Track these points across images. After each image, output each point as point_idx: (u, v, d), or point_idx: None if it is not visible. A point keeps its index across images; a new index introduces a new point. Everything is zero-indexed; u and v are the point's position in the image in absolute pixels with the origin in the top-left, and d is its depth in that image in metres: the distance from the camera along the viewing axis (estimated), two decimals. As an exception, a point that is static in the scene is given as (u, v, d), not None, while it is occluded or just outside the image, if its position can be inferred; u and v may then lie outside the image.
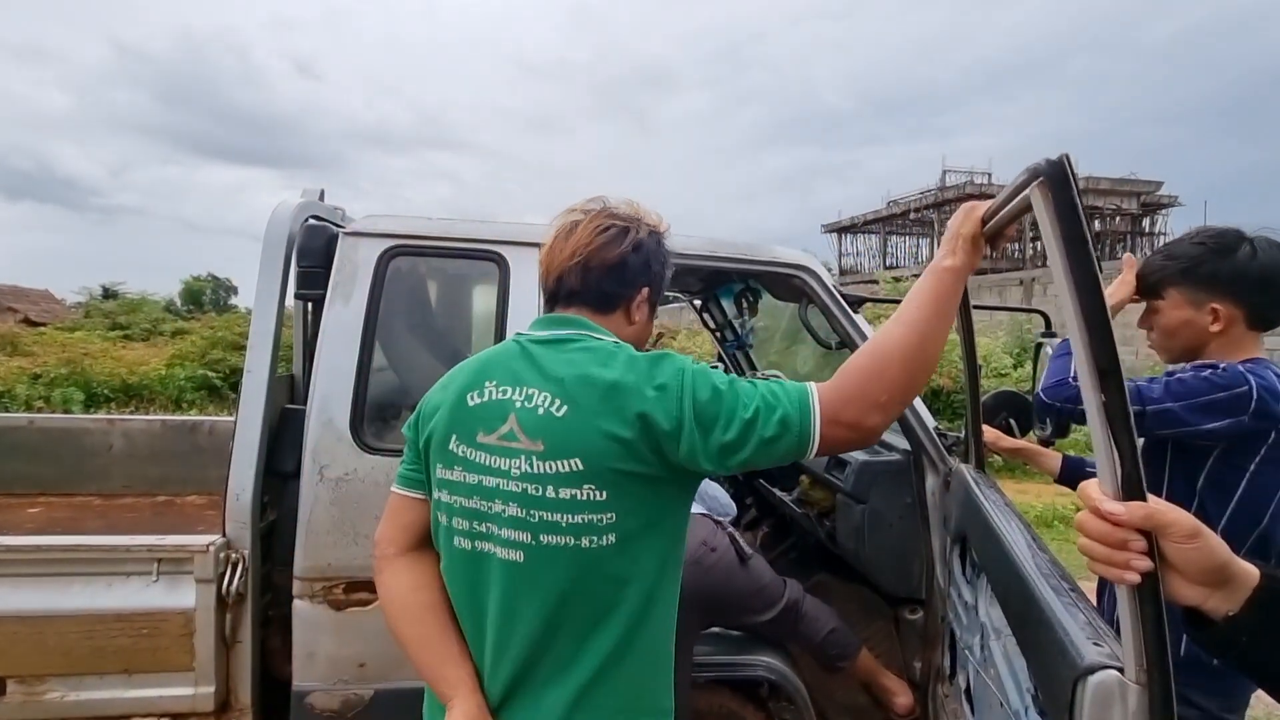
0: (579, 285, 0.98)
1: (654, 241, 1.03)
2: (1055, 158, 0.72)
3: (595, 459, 0.85)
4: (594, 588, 0.87)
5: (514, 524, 0.87)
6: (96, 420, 3.06)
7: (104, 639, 1.43)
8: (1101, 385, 0.68)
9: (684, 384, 0.87)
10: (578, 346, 0.94)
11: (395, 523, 1.00)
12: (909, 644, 1.93)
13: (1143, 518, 0.67)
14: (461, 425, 0.92)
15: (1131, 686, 0.73)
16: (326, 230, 1.72)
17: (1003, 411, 1.84)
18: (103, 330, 15.18)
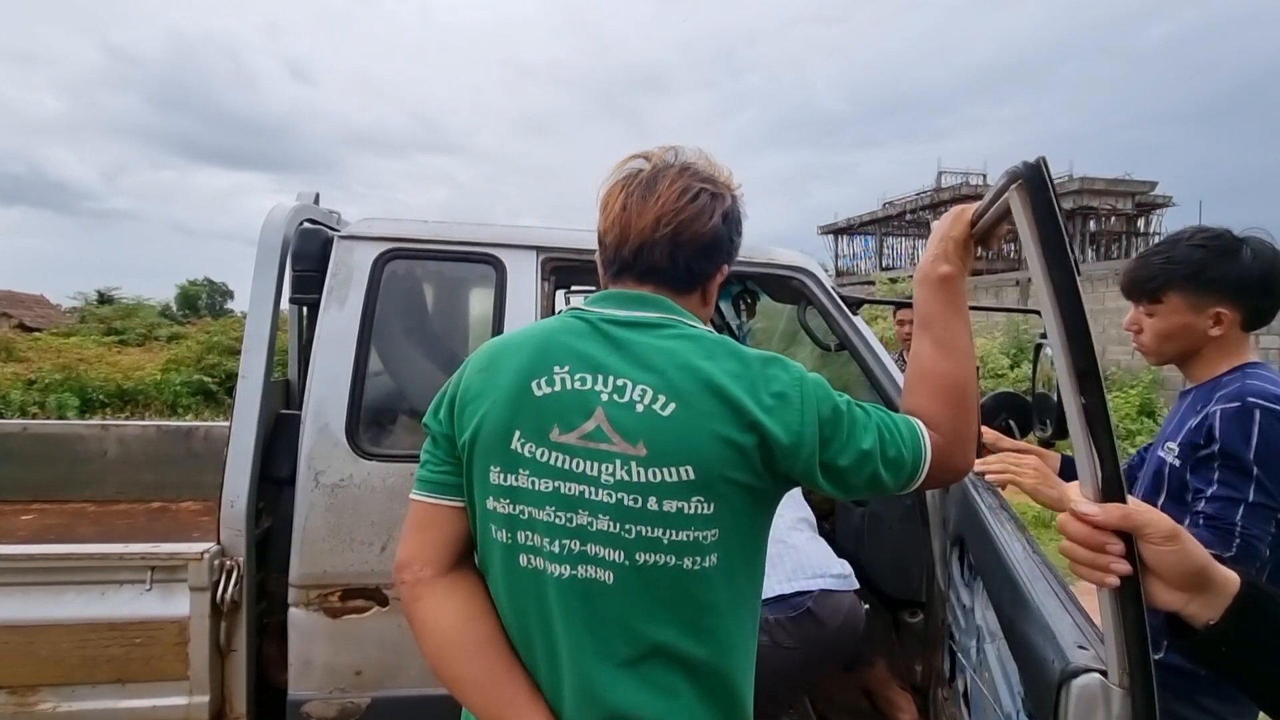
0: (666, 262, 0.83)
1: (737, 209, 0.88)
2: (1032, 160, 0.72)
3: (709, 467, 0.73)
4: (692, 614, 0.76)
5: (605, 540, 0.74)
6: (90, 426, 3.03)
7: (97, 648, 1.41)
8: (1081, 387, 0.68)
9: (804, 395, 0.78)
10: (672, 333, 0.80)
11: (428, 537, 0.82)
12: (909, 647, 1.92)
13: (1119, 518, 0.66)
14: (527, 420, 0.76)
15: (1115, 690, 0.73)
16: (321, 234, 1.71)
17: (1002, 413, 1.83)
18: (98, 335, 15.13)
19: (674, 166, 0.84)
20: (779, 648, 1.46)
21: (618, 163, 0.88)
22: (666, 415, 0.74)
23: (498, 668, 0.79)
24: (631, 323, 0.81)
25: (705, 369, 0.77)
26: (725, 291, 3.04)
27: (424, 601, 0.81)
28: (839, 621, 1.51)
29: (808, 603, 1.50)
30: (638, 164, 0.86)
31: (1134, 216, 27.20)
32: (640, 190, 0.83)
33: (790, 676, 1.49)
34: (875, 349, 1.82)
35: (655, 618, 0.75)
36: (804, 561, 1.57)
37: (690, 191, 0.82)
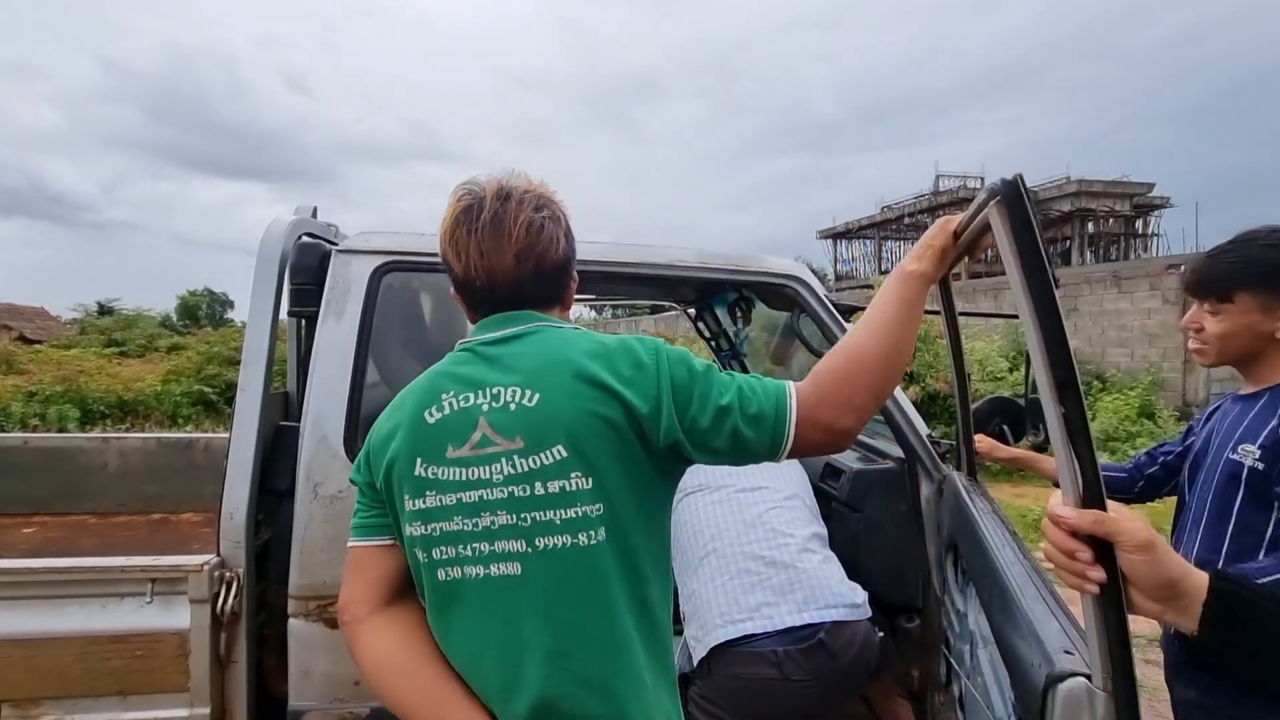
0: (534, 291, 0.92)
1: (569, 221, 0.96)
2: (1010, 178, 0.74)
3: (577, 441, 0.79)
4: (594, 588, 0.80)
5: (507, 534, 0.80)
6: (91, 439, 3.05)
7: (98, 660, 1.42)
8: (1060, 397, 0.70)
9: (659, 363, 0.84)
10: (537, 337, 0.89)
11: (362, 579, 0.89)
12: (906, 653, 1.92)
13: (1091, 523, 0.67)
14: (426, 446, 0.84)
15: (1099, 694, 0.74)
16: (319, 247, 1.73)
17: (996, 418, 1.85)
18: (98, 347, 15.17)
19: (511, 200, 0.90)
20: (788, 681, 1.41)
21: (450, 199, 0.93)
22: (533, 405, 0.81)
23: (432, 683, 0.84)
24: (503, 339, 0.90)
25: (566, 357, 0.84)
26: (721, 299, 3.05)
27: (360, 638, 0.88)
28: (852, 654, 1.46)
29: (819, 634, 1.44)
30: (469, 201, 0.90)
31: (1132, 218, 27.25)
32: (489, 232, 0.88)
33: (800, 712, 1.44)
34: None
35: (565, 600, 0.80)
36: (816, 590, 1.51)
37: (536, 225, 0.89)
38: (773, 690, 1.41)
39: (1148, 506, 1.63)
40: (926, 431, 1.82)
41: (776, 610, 1.47)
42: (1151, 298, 10.35)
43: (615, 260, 1.85)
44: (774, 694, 1.41)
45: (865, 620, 1.54)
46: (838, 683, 1.46)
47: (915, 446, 1.80)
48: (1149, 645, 3.41)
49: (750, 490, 1.73)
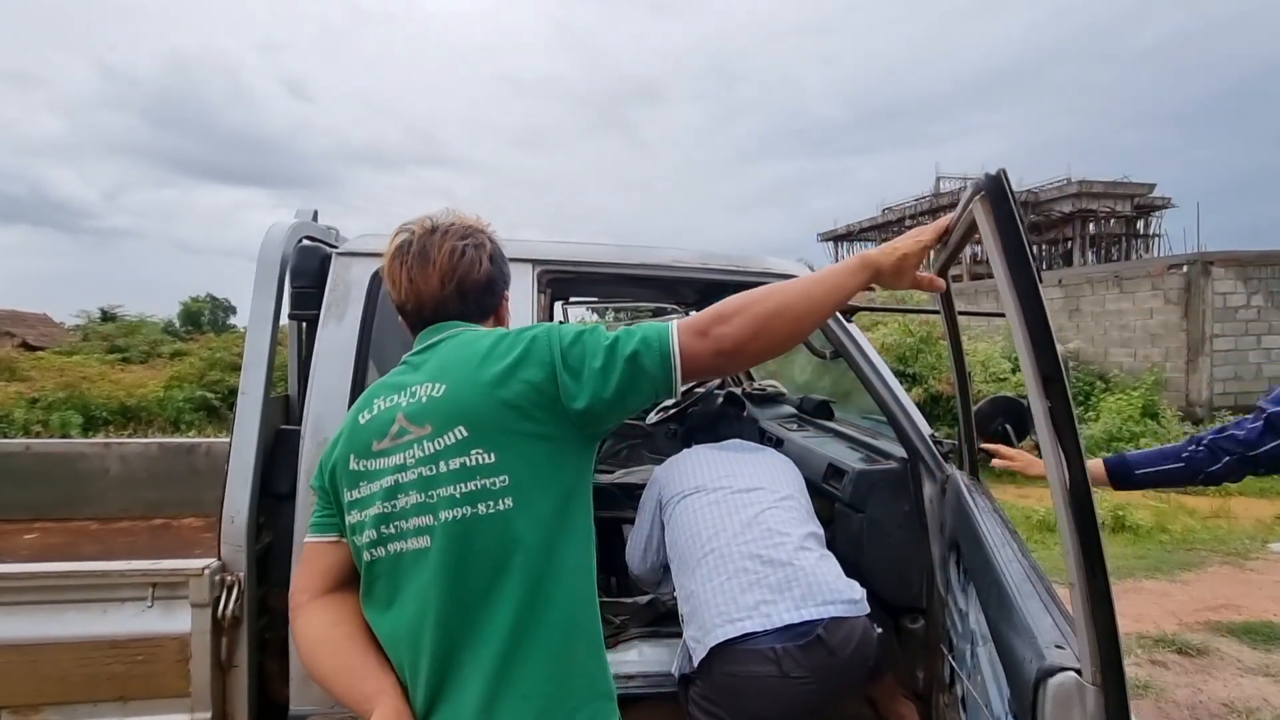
0: (459, 309, 1.03)
1: (497, 246, 1.09)
2: (994, 173, 0.74)
3: (478, 421, 0.88)
4: (492, 551, 0.87)
5: (418, 510, 0.88)
6: (93, 444, 3.05)
7: (99, 666, 1.41)
8: (1046, 391, 0.70)
9: (549, 333, 0.93)
10: (452, 340, 0.99)
11: (310, 570, 1.00)
12: (911, 653, 1.91)
13: None
14: (357, 443, 0.94)
15: (1089, 688, 0.73)
16: (320, 251, 1.73)
17: (999, 417, 1.84)
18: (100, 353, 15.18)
19: (436, 232, 1.04)
20: (788, 678, 1.41)
21: (390, 239, 1.06)
22: (440, 395, 0.91)
23: (351, 655, 0.92)
24: (428, 347, 1.00)
25: (469, 350, 0.94)
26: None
27: (299, 620, 0.97)
28: (850, 650, 1.45)
29: (818, 630, 1.44)
30: (403, 237, 1.04)
31: (1133, 219, 27.23)
32: (417, 261, 1.02)
33: (800, 709, 1.44)
34: (870, 355, 1.83)
35: (471, 567, 0.86)
36: (813, 587, 1.51)
37: (458, 250, 1.02)
38: (772, 688, 1.41)
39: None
40: (929, 431, 1.81)
41: (774, 608, 1.47)
42: (1154, 297, 10.33)
43: (616, 261, 1.85)
44: (773, 691, 1.41)
45: (864, 616, 1.54)
46: (837, 679, 1.46)
47: (918, 446, 1.79)
48: (1155, 646, 3.40)
49: (746, 491, 1.73)
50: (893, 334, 8.47)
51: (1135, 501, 6.14)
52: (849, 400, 2.88)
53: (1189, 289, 9.98)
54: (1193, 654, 3.34)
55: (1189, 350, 9.93)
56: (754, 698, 1.41)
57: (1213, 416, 9.27)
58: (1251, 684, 3.07)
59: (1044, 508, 5.84)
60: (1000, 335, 10.39)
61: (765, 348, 0.93)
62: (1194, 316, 9.89)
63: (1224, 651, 3.38)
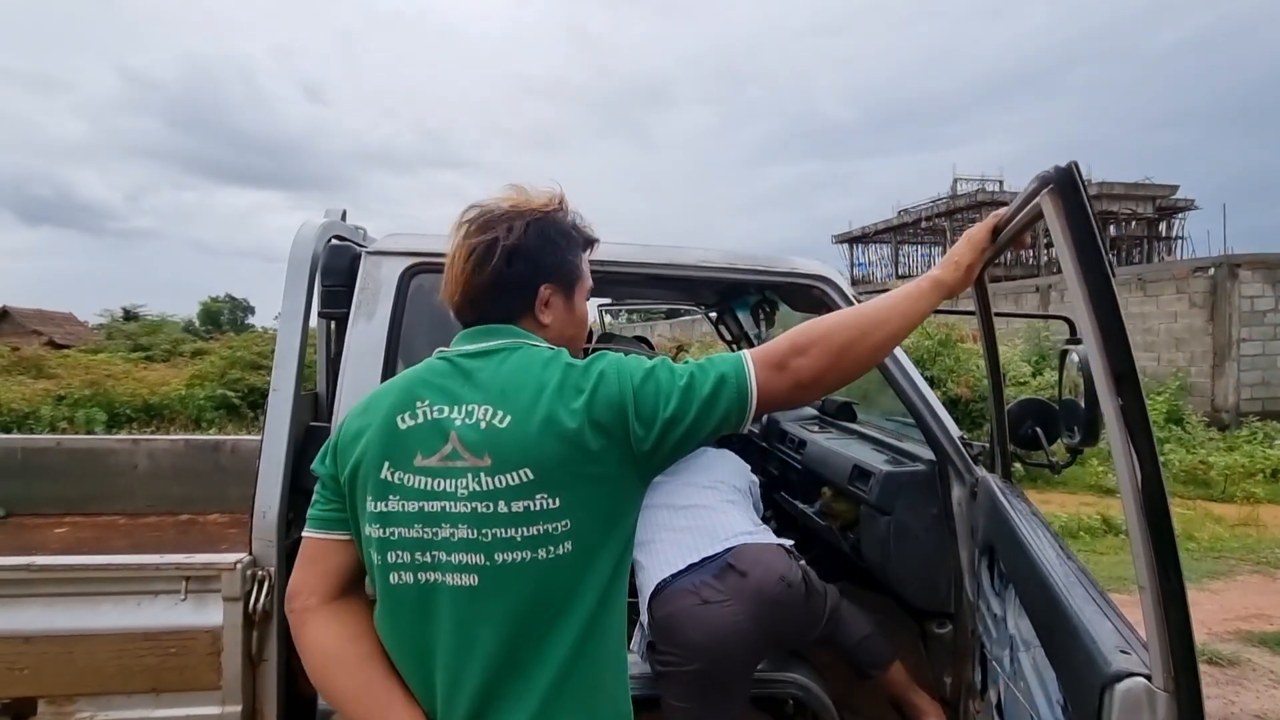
0: (475, 315, 0.96)
1: (535, 234, 0.95)
2: (1064, 165, 0.72)
3: (545, 465, 0.82)
4: (550, 598, 0.83)
5: (466, 547, 0.82)
6: (122, 441, 3.09)
7: (133, 658, 1.43)
8: (1118, 389, 0.68)
9: (619, 372, 0.87)
10: (511, 356, 0.90)
11: (315, 569, 0.92)
12: (938, 659, 1.89)
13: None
14: (395, 451, 0.86)
15: (1159, 694, 0.71)
16: (349, 250, 1.75)
17: (1028, 420, 1.81)
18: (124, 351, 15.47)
19: (469, 224, 0.95)
20: (708, 604, 1.51)
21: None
22: (504, 427, 0.83)
23: (373, 680, 0.86)
24: (479, 354, 0.91)
25: (534, 380, 0.86)
26: (743, 301, 3.04)
27: (308, 627, 0.90)
28: (760, 569, 1.57)
29: (726, 559, 1.60)
30: (461, 228, 0.96)
31: (1155, 220, 26.80)
32: (449, 260, 0.96)
33: (732, 633, 1.49)
34: (897, 355, 1.81)
35: (519, 606, 0.82)
36: (718, 528, 1.70)
37: (469, 250, 0.93)
38: (697, 615, 1.51)
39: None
40: (958, 433, 1.79)
41: (689, 555, 1.63)
42: (1178, 301, 10.16)
43: (643, 261, 1.84)
44: (699, 619, 1.50)
45: (770, 544, 1.69)
46: (756, 600, 1.53)
47: (947, 448, 1.77)
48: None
49: (686, 488, 1.89)
50: (910, 336, 8.38)
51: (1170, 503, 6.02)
52: (869, 401, 2.85)
53: (1215, 292, 9.80)
54: (1224, 664, 3.27)
55: (1215, 355, 9.75)
56: (686, 629, 1.50)
57: (1239, 423, 9.08)
58: (1285, 696, 3.00)
59: (1066, 514, 5.76)
60: (1019, 338, 10.26)
61: (841, 379, 0.91)
62: (1220, 320, 9.71)
63: (1255, 662, 3.30)
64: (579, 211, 1.01)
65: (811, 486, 2.38)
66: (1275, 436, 8.28)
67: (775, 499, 2.77)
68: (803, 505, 2.40)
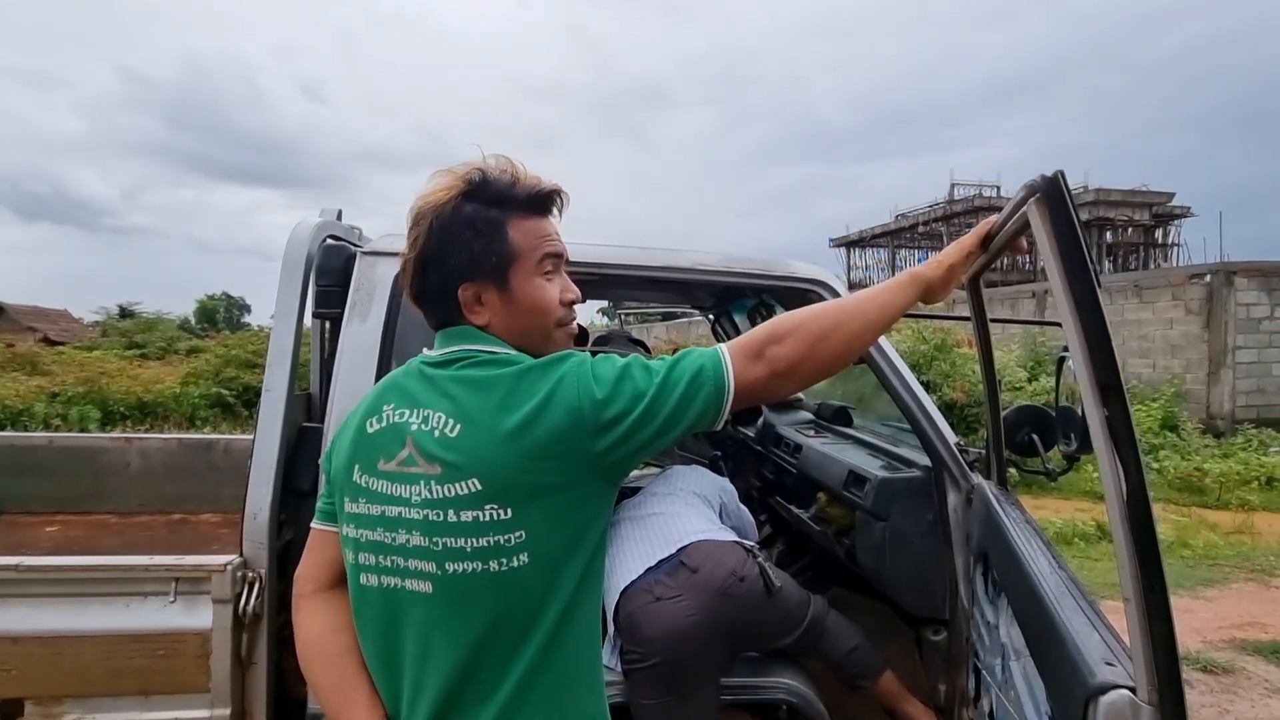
0: (434, 319, 0.95)
1: (437, 235, 0.88)
2: (1050, 174, 0.72)
3: (494, 476, 0.79)
4: (510, 612, 0.81)
5: (419, 554, 0.81)
6: (114, 439, 3.07)
7: (121, 659, 1.42)
8: (1104, 399, 0.67)
9: (580, 373, 0.83)
10: (470, 363, 0.88)
11: (314, 559, 0.96)
12: (932, 666, 1.88)
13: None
14: (363, 454, 0.87)
15: (1144, 707, 0.71)
16: (345, 249, 1.74)
17: (1025, 427, 1.80)
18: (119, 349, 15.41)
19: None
20: (662, 601, 1.55)
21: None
22: (454, 436, 0.82)
23: (346, 675, 0.89)
24: (441, 361, 0.90)
25: (490, 388, 0.84)
26: (740, 305, 3.03)
27: (301, 613, 0.95)
28: (711, 564, 1.60)
29: (679, 558, 1.63)
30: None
31: (1151, 227, 26.90)
32: None
33: (687, 629, 1.51)
34: (893, 360, 1.81)
35: (474, 616, 0.81)
36: (671, 530, 1.73)
37: (403, 265, 0.92)
38: (651, 613, 1.54)
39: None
40: (955, 439, 1.79)
41: (646, 560, 1.67)
42: (1174, 308, 10.19)
43: (639, 264, 1.84)
44: (654, 616, 1.53)
45: (725, 540, 1.71)
46: (707, 594, 1.55)
47: (943, 454, 1.77)
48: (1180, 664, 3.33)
49: (648, 499, 1.94)
50: (906, 341, 8.40)
51: (1155, 515, 6.03)
52: (865, 406, 2.85)
53: (1211, 299, 9.83)
54: (1218, 673, 3.27)
55: (1210, 362, 9.78)
56: (641, 626, 1.54)
57: (1235, 430, 9.11)
58: (1279, 705, 3.01)
59: (1061, 519, 5.76)
60: (1015, 344, 10.28)
61: (818, 368, 0.89)
62: (1216, 327, 9.74)
63: (1250, 671, 3.30)
64: (513, 170, 0.92)
65: (807, 491, 2.37)
66: (1270, 444, 8.31)
67: (770, 504, 2.76)
68: (798, 510, 2.39)
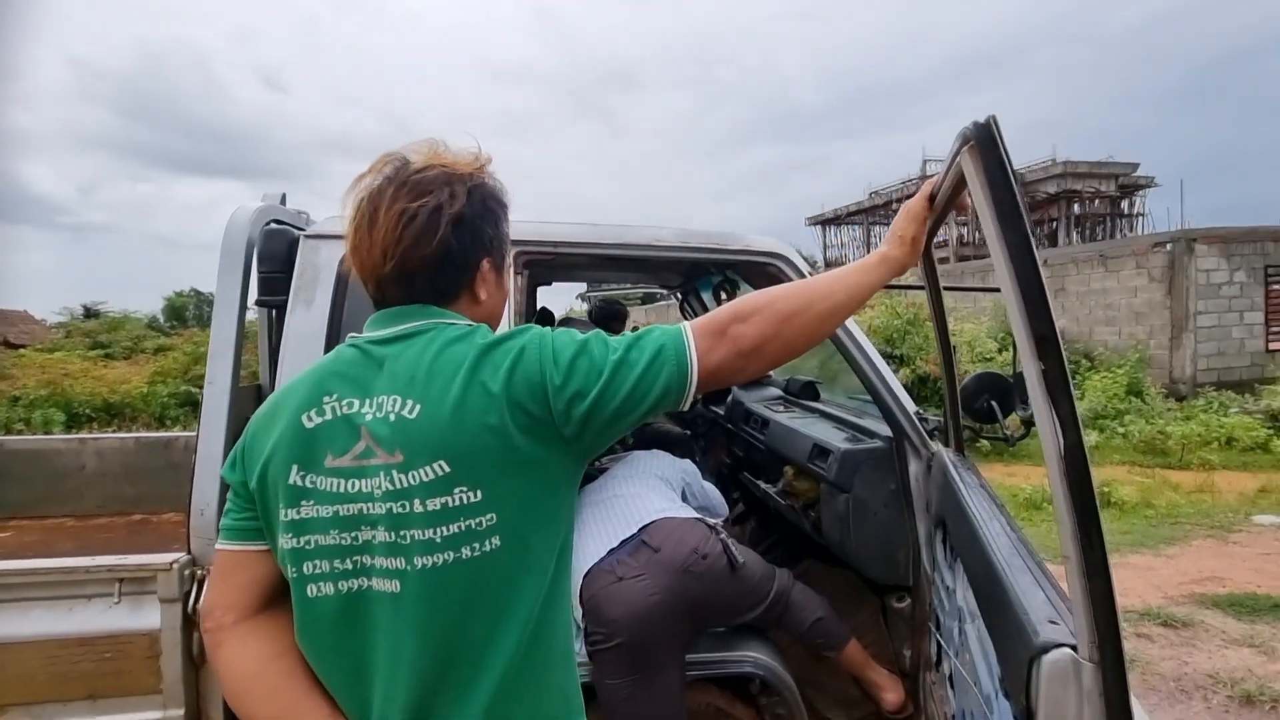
0: (402, 291, 0.84)
1: (478, 199, 0.86)
2: (983, 120, 0.70)
3: (462, 456, 0.74)
4: (485, 600, 0.76)
5: (387, 551, 0.75)
6: (68, 440, 2.98)
7: (67, 664, 1.38)
8: (1039, 352, 0.66)
9: (540, 345, 0.80)
10: (428, 338, 0.81)
11: (230, 584, 0.83)
12: (898, 632, 1.91)
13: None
14: (303, 452, 0.78)
15: (1085, 664, 0.71)
16: (287, 234, 1.68)
17: (984, 394, 1.82)
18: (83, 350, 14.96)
19: (394, 183, 0.83)
20: (624, 580, 1.55)
21: (351, 187, 0.86)
22: (414, 418, 0.75)
23: (296, 700, 0.79)
24: (393, 338, 0.82)
25: (450, 363, 0.78)
26: (705, 282, 3.01)
27: (224, 648, 0.82)
28: (672, 542, 1.61)
29: (641, 537, 1.65)
30: (370, 179, 0.85)
31: (1117, 198, 27.35)
32: (366, 221, 0.83)
33: (650, 605, 1.51)
34: (856, 335, 1.80)
35: (447, 609, 0.76)
36: (632, 511, 1.74)
37: (407, 215, 0.81)
38: (613, 593, 1.54)
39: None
40: (914, 409, 1.79)
41: (609, 541, 1.67)
42: (1138, 276, 10.39)
43: (594, 241, 1.80)
44: (617, 596, 1.54)
45: (687, 518, 1.72)
46: (668, 571, 1.56)
47: (903, 424, 1.77)
48: (1141, 619, 3.43)
49: (609, 482, 1.94)
50: (880, 316, 8.47)
51: (1121, 478, 6.20)
52: (837, 381, 2.86)
53: (1173, 267, 10.04)
54: (1178, 626, 3.38)
55: (1173, 327, 10.01)
56: (604, 607, 1.53)
57: (1196, 393, 9.37)
58: (1236, 655, 3.11)
59: (1030, 485, 5.88)
60: (986, 316, 10.43)
61: (785, 348, 0.86)
62: (1178, 294, 9.96)
63: (1208, 623, 3.41)
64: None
65: (775, 466, 2.38)
66: (1230, 405, 8.55)
67: (741, 480, 2.77)
68: (765, 485, 2.40)
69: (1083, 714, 0.70)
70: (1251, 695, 2.76)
